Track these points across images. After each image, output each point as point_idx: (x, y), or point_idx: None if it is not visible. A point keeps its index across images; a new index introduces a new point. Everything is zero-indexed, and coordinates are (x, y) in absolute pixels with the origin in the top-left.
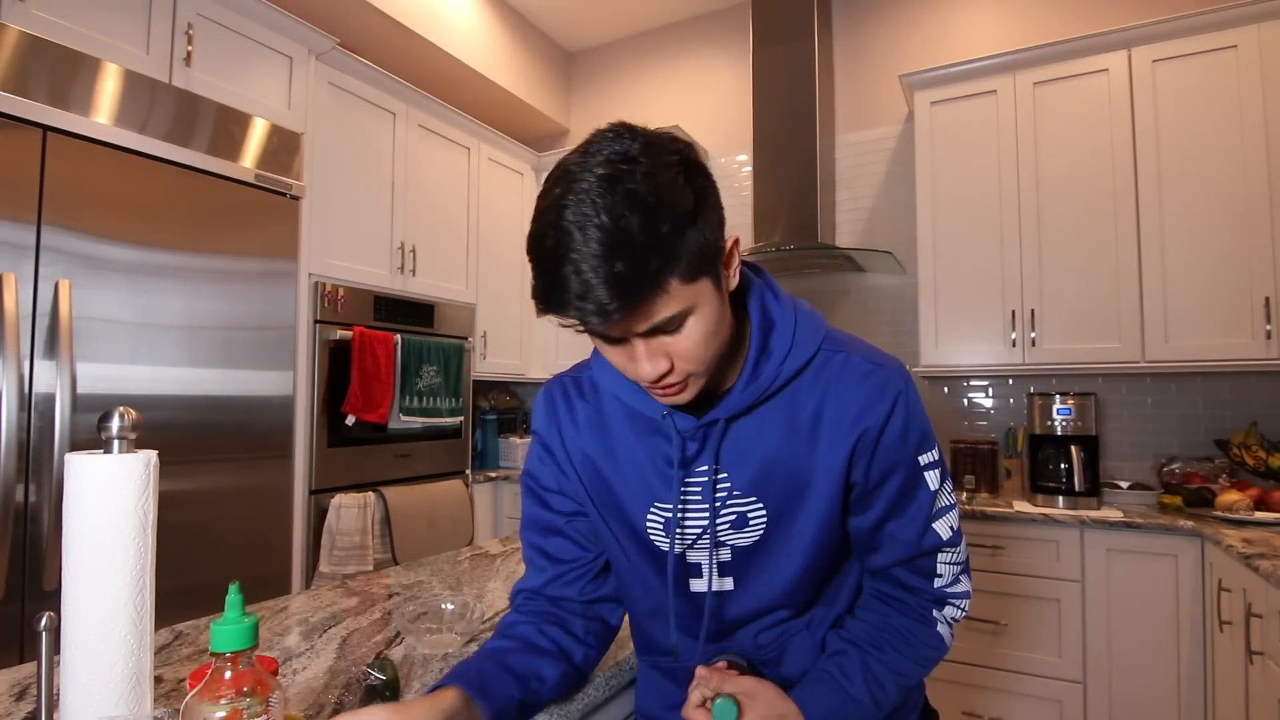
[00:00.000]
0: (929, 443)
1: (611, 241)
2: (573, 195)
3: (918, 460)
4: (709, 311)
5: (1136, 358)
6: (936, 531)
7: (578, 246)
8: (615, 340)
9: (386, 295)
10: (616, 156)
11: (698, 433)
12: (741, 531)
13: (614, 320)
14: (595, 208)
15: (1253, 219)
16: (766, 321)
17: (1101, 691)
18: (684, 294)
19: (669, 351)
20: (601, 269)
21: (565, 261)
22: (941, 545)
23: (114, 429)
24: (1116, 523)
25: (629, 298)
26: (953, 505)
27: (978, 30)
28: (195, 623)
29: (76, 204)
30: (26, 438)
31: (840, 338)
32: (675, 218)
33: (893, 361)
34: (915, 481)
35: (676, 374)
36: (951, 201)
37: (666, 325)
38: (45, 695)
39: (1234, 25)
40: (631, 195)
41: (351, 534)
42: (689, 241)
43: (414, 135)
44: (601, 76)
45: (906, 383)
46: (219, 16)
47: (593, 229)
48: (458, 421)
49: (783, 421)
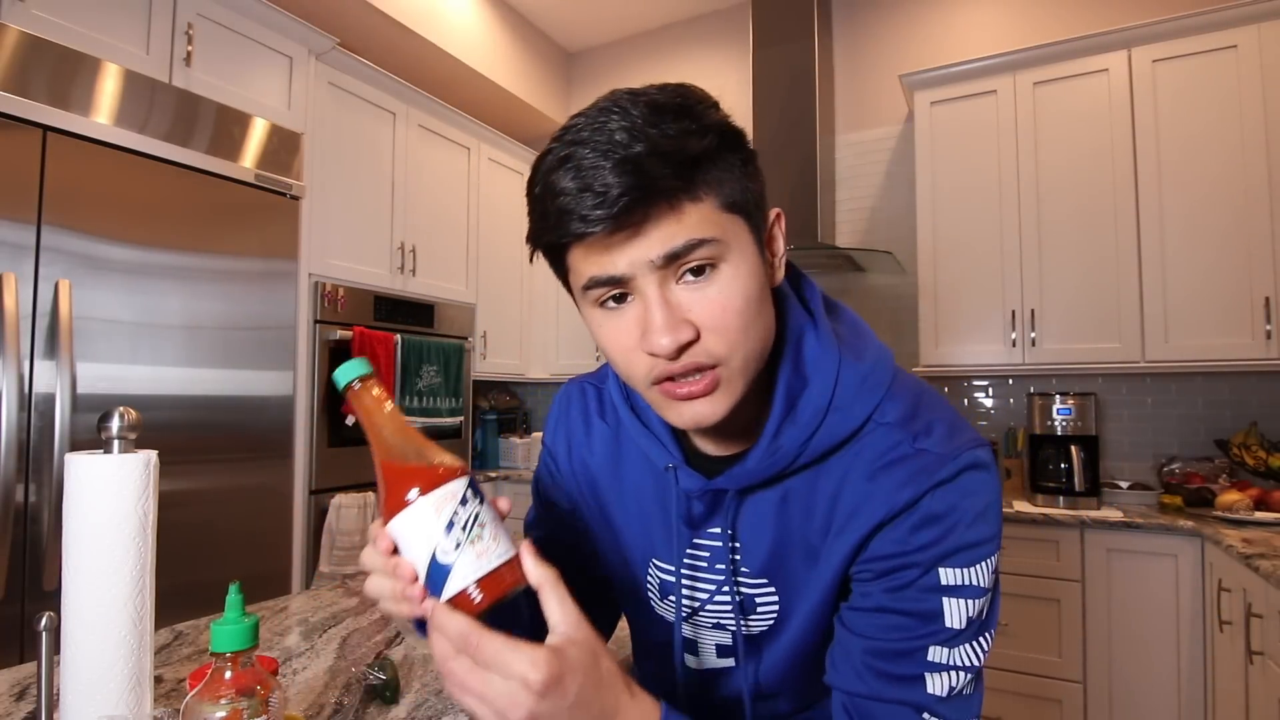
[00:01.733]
0: (968, 557)
1: (633, 128)
2: (582, 115)
3: (937, 573)
4: (746, 269)
5: (1136, 358)
6: (927, 684)
7: (587, 139)
8: (618, 293)
9: (386, 295)
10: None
11: (704, 495)
12: (748, 618)
13: (619, 219)
14: (613, 114)
15: (1253, 219)
16: (797, 375)
17: (1101, 691)
18: (716, 221)
19: (692, 315)
20: (615, 153)
21: (568, 161)
22: (928, 705)
23: (114, 429)
24: (1116, 523)
25: (644, 189)
26: (969, 669)
27: (978, 30)
28: (195, 623)
29: (76, 204)
30: (26, 438)
31: (904, 400)
32: (713, 126)
33: (955, 443)
34: (926, 601)
35: (701, 352)
36: (951, 201)
37: (689, 257)
38: (45, 695)
39: (1234, 25)
40: (658, 102)
41: (352, 534)
42: (727, 166)
43: (414, 135)
44: (601, 76)
45: (962, 471)
46: (219, 16)
47: (613, 124)
48: (458, 421)
49: (803, 499)
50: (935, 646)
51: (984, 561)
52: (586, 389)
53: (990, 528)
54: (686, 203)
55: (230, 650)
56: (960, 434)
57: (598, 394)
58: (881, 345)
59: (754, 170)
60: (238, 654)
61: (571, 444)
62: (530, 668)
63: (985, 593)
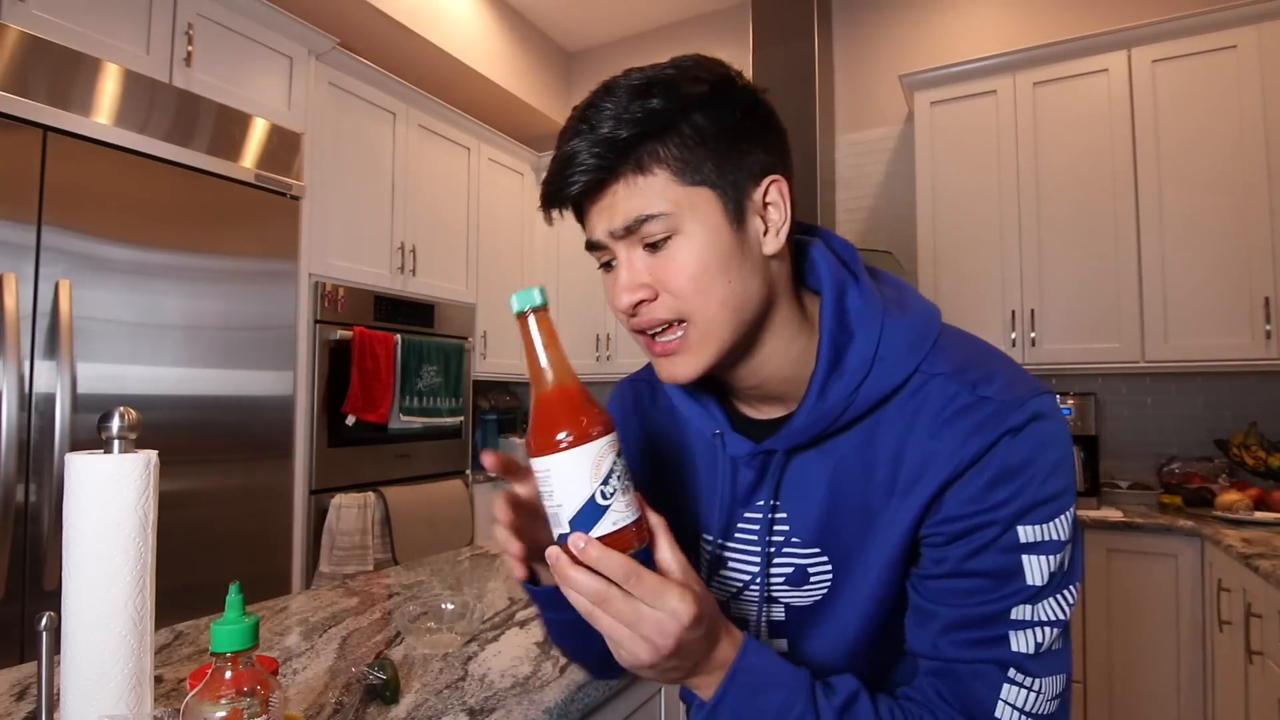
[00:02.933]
0: (1047, 511)
1: (613, 107)
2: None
3: (1016, 532)
4: (710, 240)
5: (1136, 357)
6: (1011, 642)
7: (579, 113)
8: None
9: (386, 295)
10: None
11: (754, 460)
12: (800, 589)
13: (586, 193)
14: (606, 84)
15: (1252, 219)
16: (842, 328)
17: (1101, 691)
18: (671, 194)
19: (654, 275)
20: (589, 132)
21: (563, 136)
22: (1016, 662)
23: (114, 429)
24: (1116, 523)
25: (602, 168)
26: (1056, 623)
27: (978, 30)
28: (195, 623)
29: (76, 204)
30: (27, 438)
31: (955, 352)
32: (674, 96)
33: (1018, 391)
34: (1004, 561)
35: (662, 308)
36: (951, 201)
37: (643, 226)
38: (45, 695)
39: (1234, 25)
40: (642, 73)
41: (351, 534)
42: (690, 133)
43: (414, 135)
44: (601, 76)
45: (1033, 419)
46: (219, 16)
47: (601, 101)
48: (458, 421)
49: (858, 459)
50: (1019, 605)
51: (1062, 515)
52: (638, 383)
53: (1065, 480)
54: (638, 178)
55: (230, 650)
56: (1023, 381)
57: (649, 385)
58: (926, 301)
59: (745, 130)
60: (238, 654)
61: (627, 434)
62: (680, 602)
63: (1065, 545)
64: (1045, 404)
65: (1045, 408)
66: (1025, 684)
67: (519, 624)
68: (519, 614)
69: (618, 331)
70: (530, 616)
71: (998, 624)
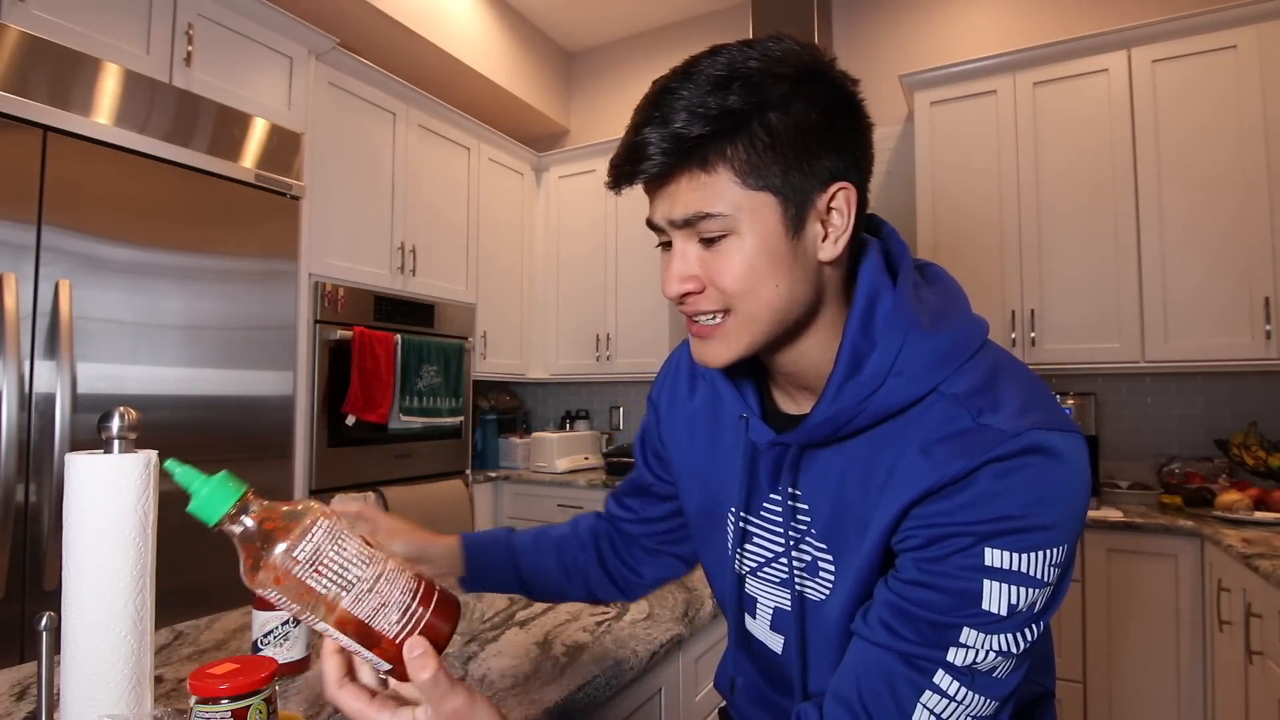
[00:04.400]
0: (1022, 541)
1: (677, 91)
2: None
3: (982, 552)
4: (763, 245)
5: (1136, 357)
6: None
7: (653, 96)
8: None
9: (386, 295)
10: (750, 41)
11: (772, 449)
12: (814, 580)
13: (647, 177)
14: (687, 63)
15: (1252, 219)
16: (866, 336)
17: (1101, 691)
18: (732, 195)
19: (705, 270)
20: (659, 124)
21: (636, 115)
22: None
23: (114, 429)
24: (1116, 523)
25: (670, 153)
26: (1004, 654)
27: (978, 30)
28: (195, 623)
29: (76, 204)
30: (26, 438)
31: (977, 379)
32: (754, 92)
33: (1020, 422)
34: (964, 580)
35: (708, 300)
36: (951, 201)
37: (700, 223)
38: (45, 695)
39: (1233, 25)
40: (726, 61)
41: None
42: (761, 136)
43: (414, 135)
44: (601, 76)
45: (1024, 451)
46: (219, 16)
47: (672, 74)
48: (458, 421)
49: (863, 467)
50: (970, 629)
51: (1041, 551)
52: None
53: (1052, 515)
54: (702, 174)
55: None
56: (1034, 412)
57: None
58: (974, 318)
59: (821, 134)
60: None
61: (675, 399)
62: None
63: (1041, 585)
64: (1049, 440)
65: (1048, 443)
66: (951, 693)
67: (519, 624)
68: (519, 614)
69: (618, 331)
70: (531, 616)
71: (942, 634)
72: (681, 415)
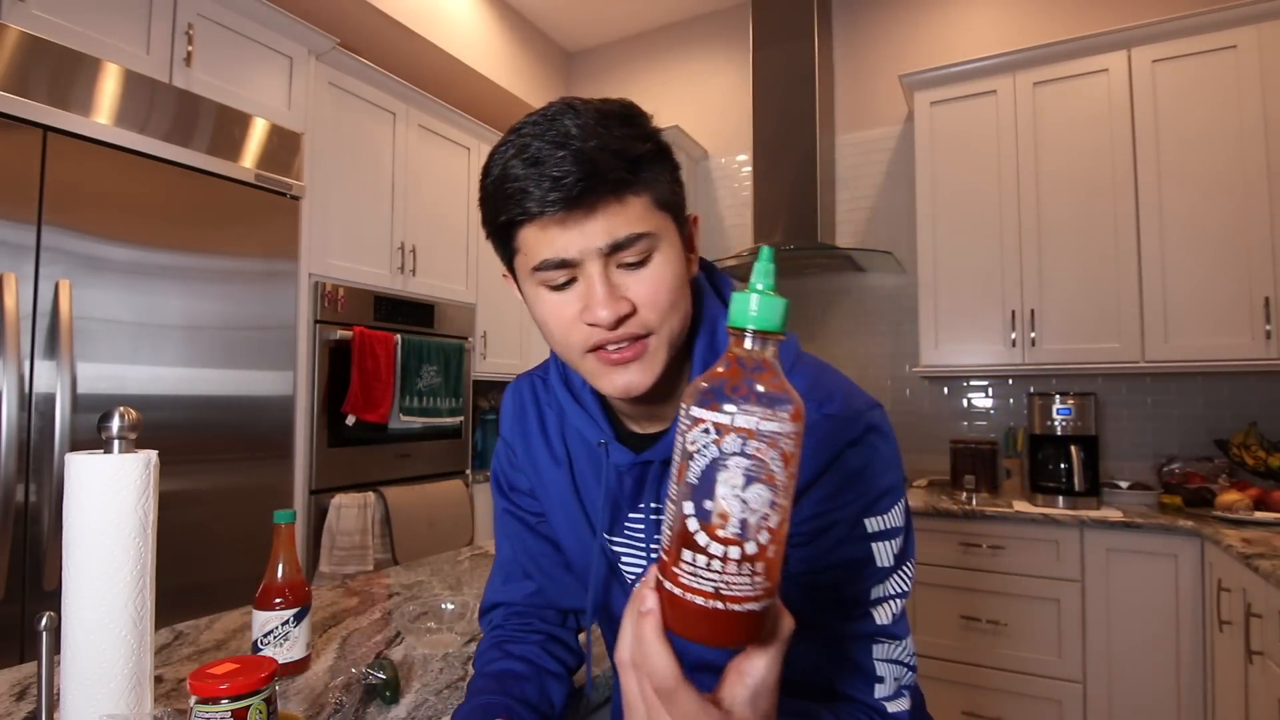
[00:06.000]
0: (885, 504)
1: (587, 124)
2: (536, 114)
3: (863, 524)
4: (673, 259)
5: (1136, 358)
6: (875, 617)
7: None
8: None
9: (386, 295)
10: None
11: (633, 469)
12: None
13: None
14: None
15: (1252, 219)
16: (713, 351)
17: (1101, 691)
18: (651, 218)
19: (629, 293)
20: (569, 145)
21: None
22: (879, 634)
23: (114, 429)
24: (1116, 523)
25: (595, 177)
26: (903, 594)
27: (978, 30)
28: (195, 623)
29: (76, 204)
30: (26, 438)
31: (809, 378)
32: (651, 138)
33: (854, 406)
34: (859, 550)
35: (636, 323)
36: (951, 201)
37: (630, 246)
38: (45, 695)
39: (1233, 25)
40: (605, 109)
41: (351, 534)
42: (661, 170)
43: (414, 135)
44: (601, 76)
45: (867, 431)
46: (219, 16)
47: (566, 121)
48: (458, 421)
49: None
50: (876, 585)
51: (897, 506)
52: (534, 381)
53: (896, 475)
54: (629, 196)
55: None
56: (855, 397)
57: (544, 384)
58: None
59: (679, 178)
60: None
61: (528, 434)
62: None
63: (903, 530)
64: (876, 416)
65: (876, 419)
66: (891, 644)
67: None
68: None
69: None
70: None
71: (862, 603)
72: (538, 449)
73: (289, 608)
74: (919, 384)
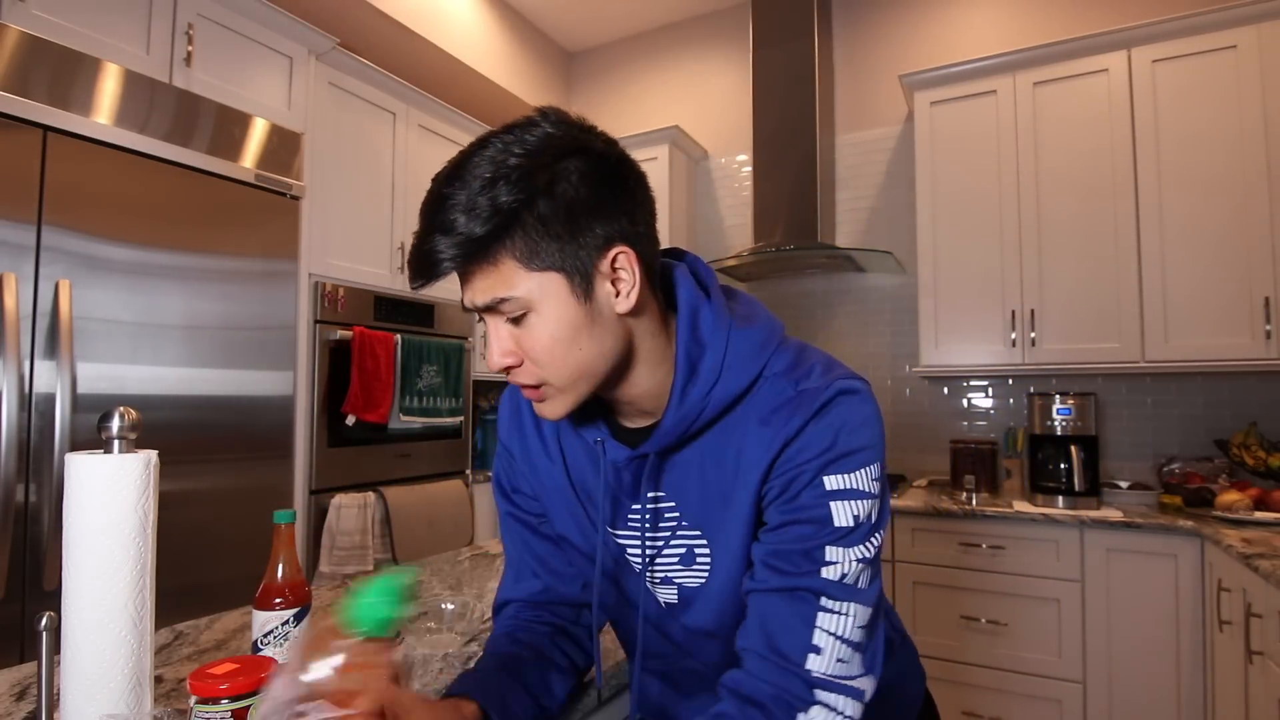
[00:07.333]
0: (848, 464)
1: (449, 192)
2: (443, 170)
3: (822, 480)
4: (559, 316)
5: (1136, 358)
6: (823, 572)
7: (429, 206)
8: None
9: (386, 295)
10: (511, 126)
11: (630, 464)
12: (690, 569)
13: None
14: (456, 164)
15: (1252, 219)
16: (695, 342)
17: (1101, 691)
18: (521, 280)
19: (520, 344)
20: (438, 217)
21: (424, 217)
22: (826, 590)
23: (114, 429)
24: (1116, 523)
25: (455, 259)
26: (863, 560)
27: (978, 30)
28: (195, 623)
29: (76, 204)
30: (26, 438)
31: (790, 359)
32: (523, 190)
33: (828, 378)
34: (815, 506)
35: (526, 374)
36: (951, 201)
37: (502, 309)
38: (45, 695)
39: (1233, 25)
40: (490, 159)
41: (351, 534)
42: (533, 224)
43: (414, 135)
44: (601, 76)
45: (838, 394)
46: (219, 16)
47: (444, 177)
48: (458, 421)
49: (716, 453)
50: (831, 546)
51: (865, 468)
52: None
53: (867, 437)
54: (503, 258)
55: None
56: (833, 370)
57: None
58: (772, 317)
59: (590, 212)
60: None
61: (525, 437)
62: None
63: (870, 496)
64: (850, 384)
65: (849, 386)
66: (837, 609)
67: None
68: None
69: None
70: None
71: (812, 558)
72: (536, 450)
73: (289, 608)
74: (919, 384)
